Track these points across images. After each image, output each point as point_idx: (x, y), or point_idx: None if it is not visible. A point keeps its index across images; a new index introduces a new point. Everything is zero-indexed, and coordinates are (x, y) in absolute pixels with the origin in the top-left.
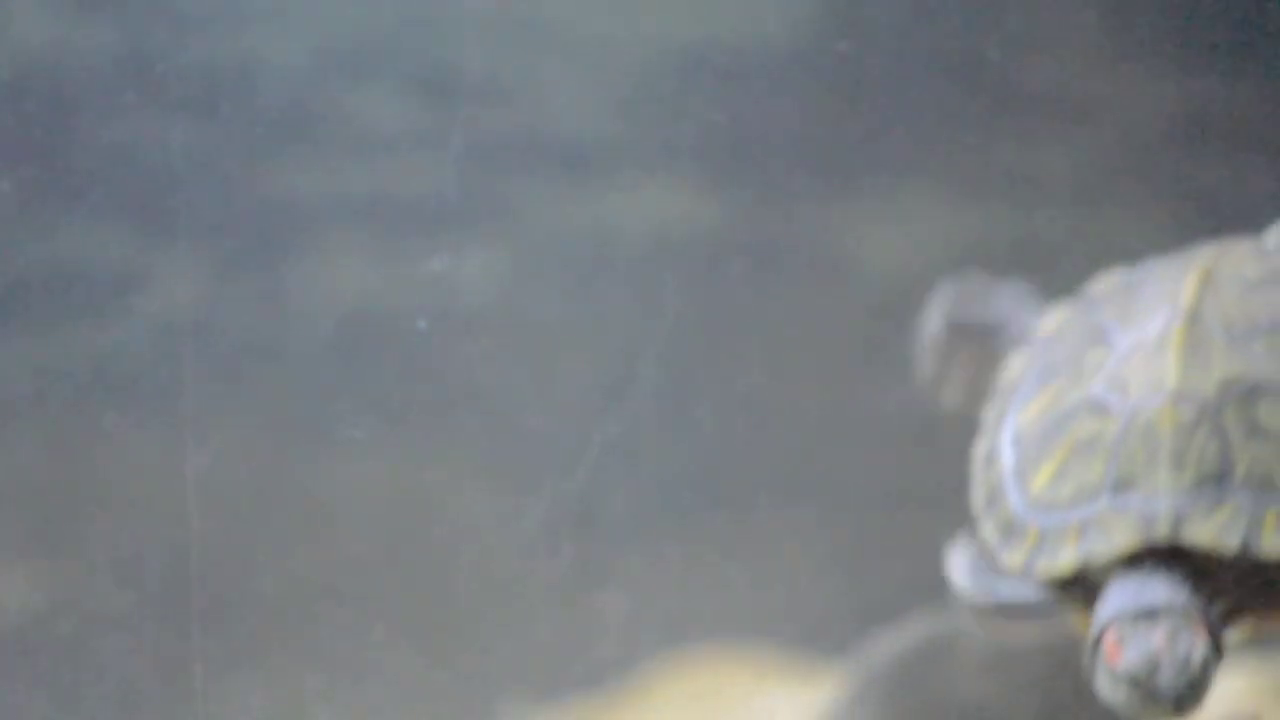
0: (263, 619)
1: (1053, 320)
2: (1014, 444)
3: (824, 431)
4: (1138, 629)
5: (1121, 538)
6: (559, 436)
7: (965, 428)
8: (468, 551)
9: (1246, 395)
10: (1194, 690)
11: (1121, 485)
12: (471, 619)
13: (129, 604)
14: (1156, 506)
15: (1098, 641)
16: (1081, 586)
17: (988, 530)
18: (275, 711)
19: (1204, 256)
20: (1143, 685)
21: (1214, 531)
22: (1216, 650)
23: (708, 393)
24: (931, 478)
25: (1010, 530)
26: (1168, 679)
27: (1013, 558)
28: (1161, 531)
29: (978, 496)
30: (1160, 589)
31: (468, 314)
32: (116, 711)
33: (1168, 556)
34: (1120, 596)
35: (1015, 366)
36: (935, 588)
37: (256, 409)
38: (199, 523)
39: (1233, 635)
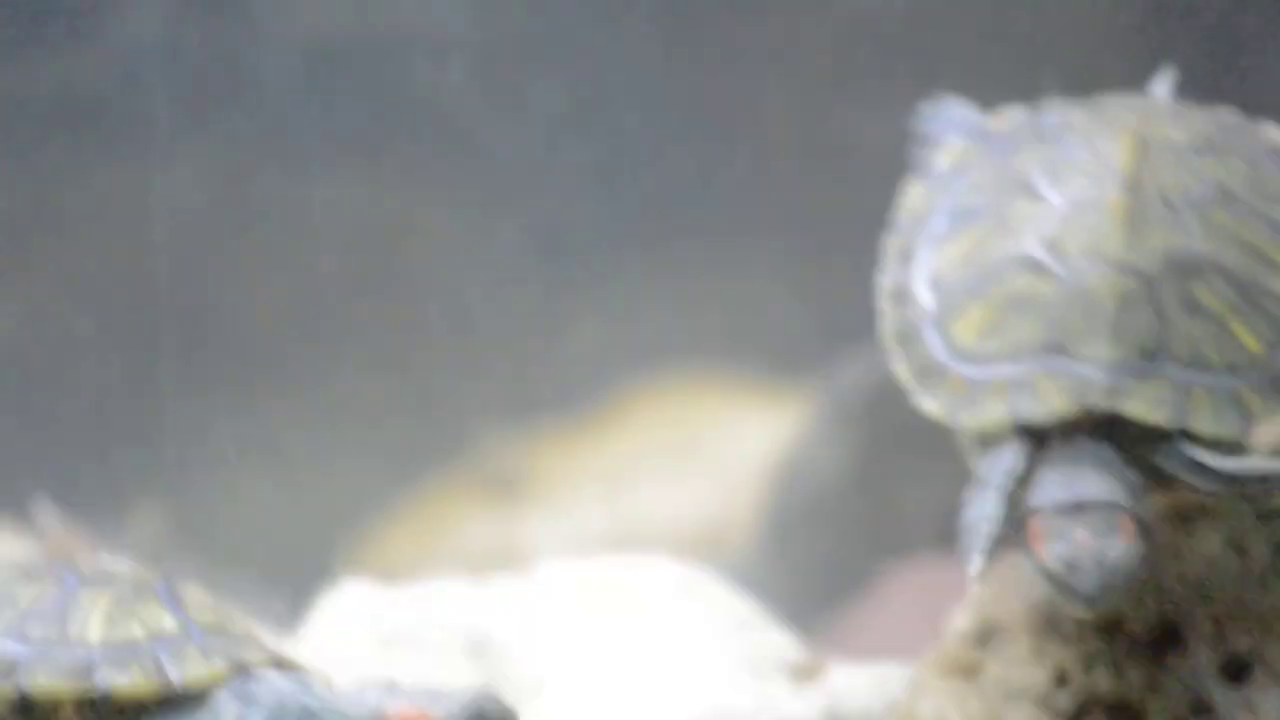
0: (231, 347)
1: (952, 154)
2: (932, 287)
3: (799, 159)
4: (1062, 522)
5: (1055, 401)
6: (529, 160)
7: None
8: (438, 277)
9: (1185, 271)
10: (1112, 590)
11: (1057, 349)
12: (442, 345)
13: (97, 332)
14: (1092, 375)
15: (1024, 525)
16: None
17: (902, 370)
18: (244, 438)
19: (1127, 116)
20: (1060, 582)
21: (1147, 404)
22: (1146, 541)
23: (682, 117)
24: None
25: (929, 375)
26: (1085, 579)
27: (931, 404)
28: (1095, 399)
29: (887, 331)
30: (1090, 479)
31: (437, 38)
32: (85, 437)
33: (1097, 434)
34: (1049, 484)
35: (915, 197)
36: None
37: (224, 137)
38: (167, 251)
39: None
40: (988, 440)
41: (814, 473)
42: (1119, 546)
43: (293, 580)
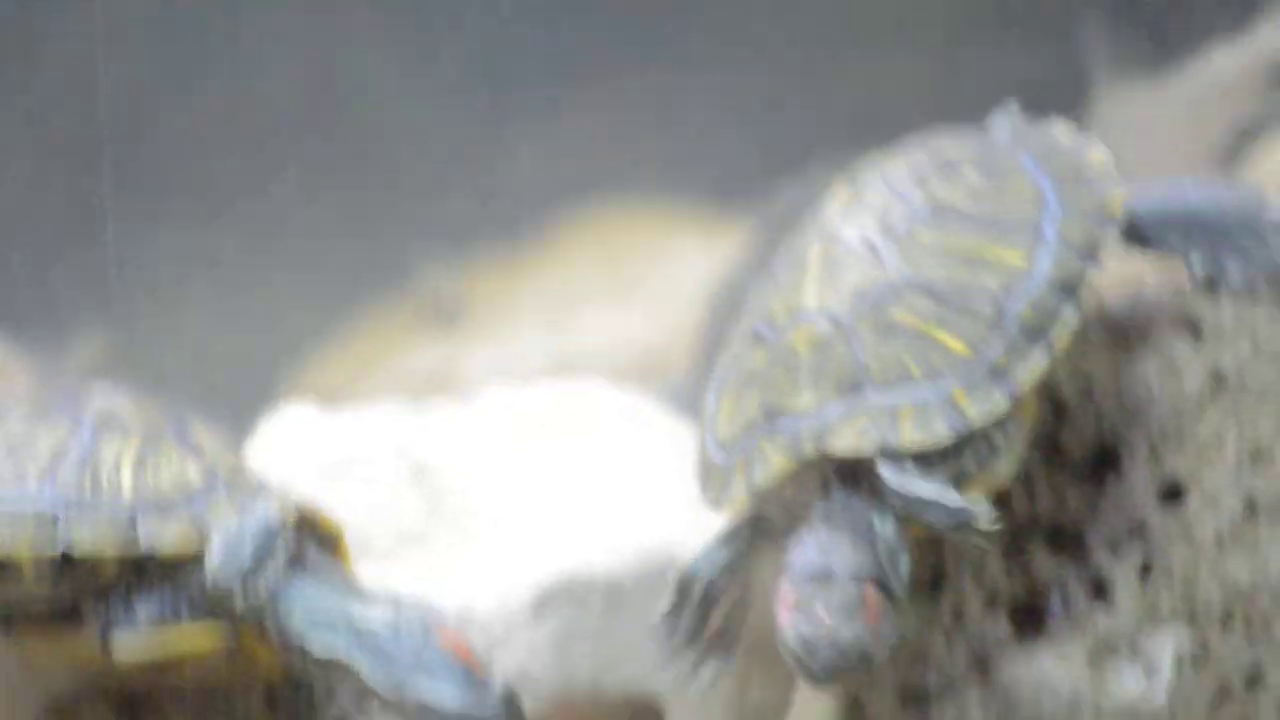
0: (174, 172)
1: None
2: (714, 388)
3: None
4: (809, 593)
5: (775, 460)
6: None
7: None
8: (378, 104)
9: (880, 300)
10: (842, 672)
11: (772, 413)
12: (383, 173)
13: (39, 157)
14: (800, 425)
15: (778, 586)
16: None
17: (695, 478)
18: (188, 264)
19: (869, 168)
20: (796, 659)
21: (854, 435)
22: (895, 610)
23: None
24: (842, 38)
25: (707, 473)
26: (819, 661)
27: (709, 498)
28: (808, 450)
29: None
30: (843, 544)
31: None
32: (26, 261)
33: (848, 487)
34: (806, 547)
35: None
36: (840, 142)
37: None
38: (108, 75)
39: None
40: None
41: None
42: (856, 628)
43: (233, 404)
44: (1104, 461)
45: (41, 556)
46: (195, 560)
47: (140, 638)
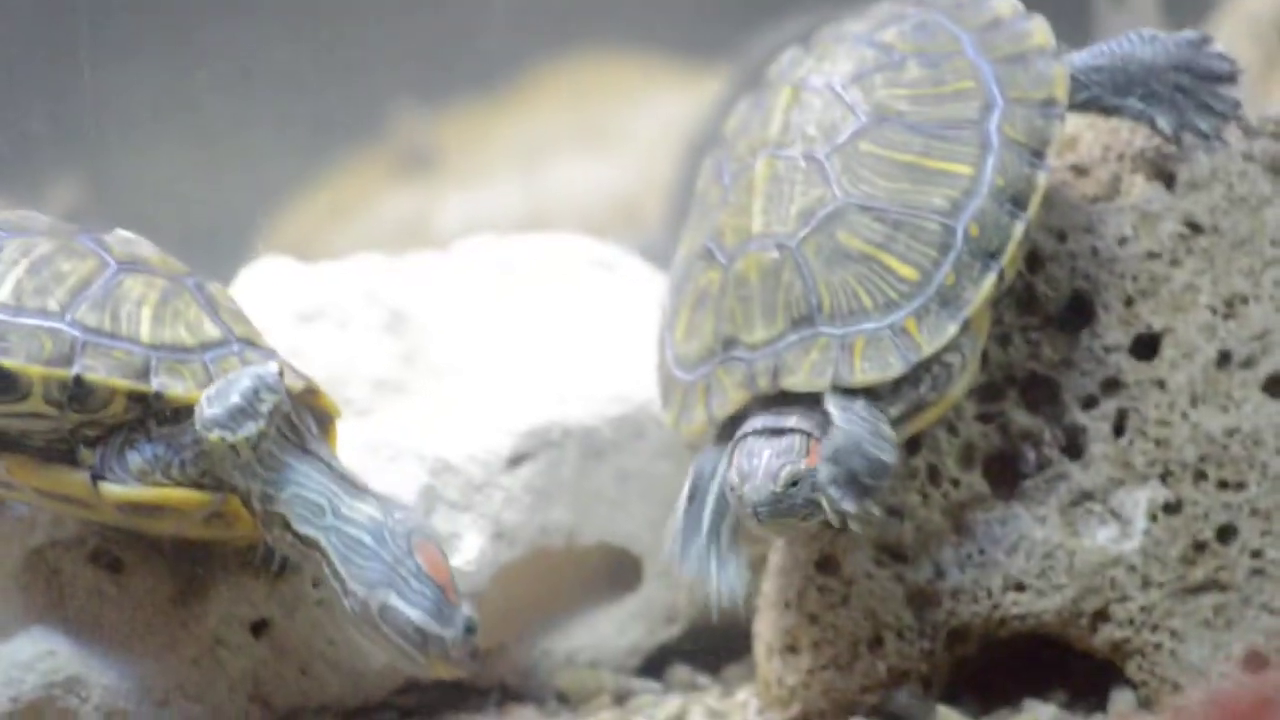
0: (151, 17)
1: (735, 117)
2: (672, 290)
3: None
4: (757, 444)
5: (732, 394)
6: None
7: None
8: None
9: (826, 223)
10: (779, 507)
11: (728, 343)
12: (358, 21)
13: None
14: (756, 360)
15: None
16: None
17: (657, 383)
18: (163, 103)
19: (803, 59)
20: (736, 494)
21: (807, 374)
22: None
23: None
24: None
25: (667, 387)
26: (755, 492)
27: (669, 416)
28: (763, 385)
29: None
30: (793, 413)
31: None
32: (3, 106)
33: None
34: (756, 418)
35: (704, 172)
36: None
37: None
38: None
39: None
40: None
41: None
42: (796, 466)
43: (210, 251)
44: (1078, 312)
45: (52, 376)
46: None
47: (129, 487)
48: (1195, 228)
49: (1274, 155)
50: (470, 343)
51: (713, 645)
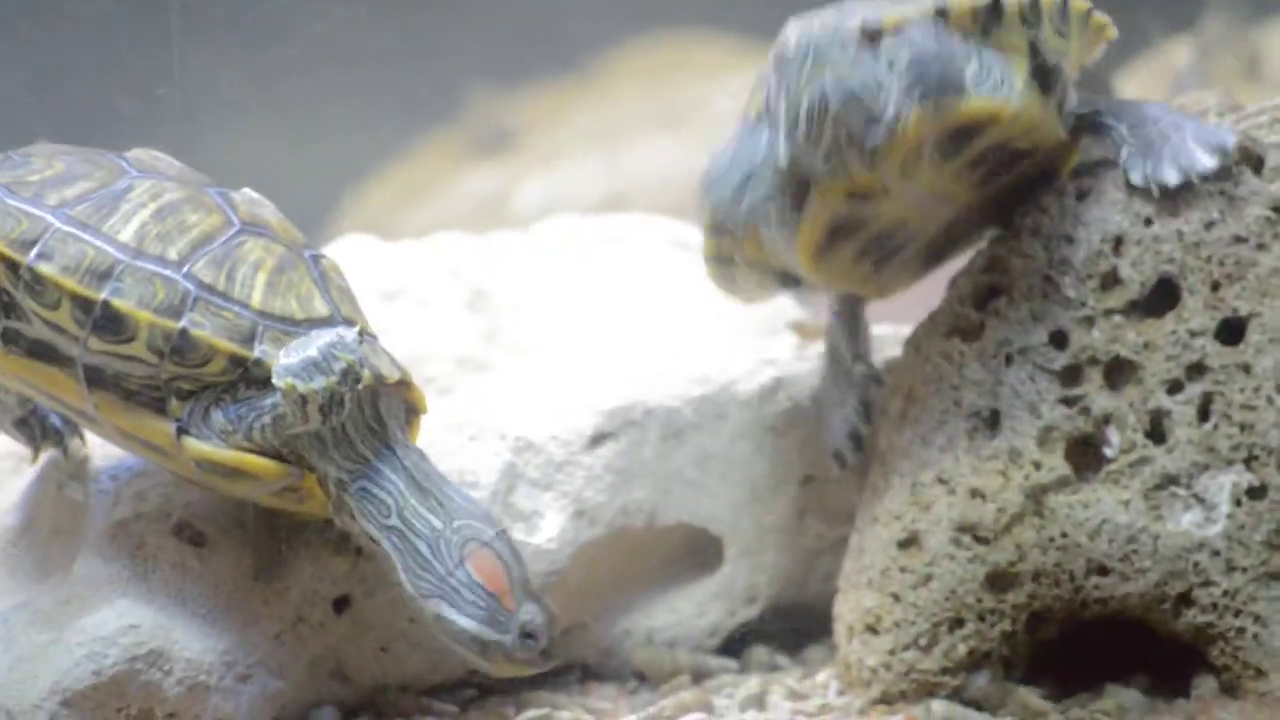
0: None
1: None
2: None
3: None
4: None
5: None
6: None
7: None
8: None
9: None
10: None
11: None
12: (439, 2)
13: None
14: None
15: None
16: None
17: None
18: (249, 83)
19: None
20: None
21: None
22: None
23: None
24: None
25: None
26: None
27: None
28: None
29: None
30: None
31: None
32: (94, 77)
33: None
34: None
35: None
36: None
37: None
38: None
39: None
40: None
41: None
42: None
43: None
44: (1163, 296)
45: (159, 324)
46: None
47: (211, 445)
48: None
49: None
50: (551, 322)
51: (793, 626)
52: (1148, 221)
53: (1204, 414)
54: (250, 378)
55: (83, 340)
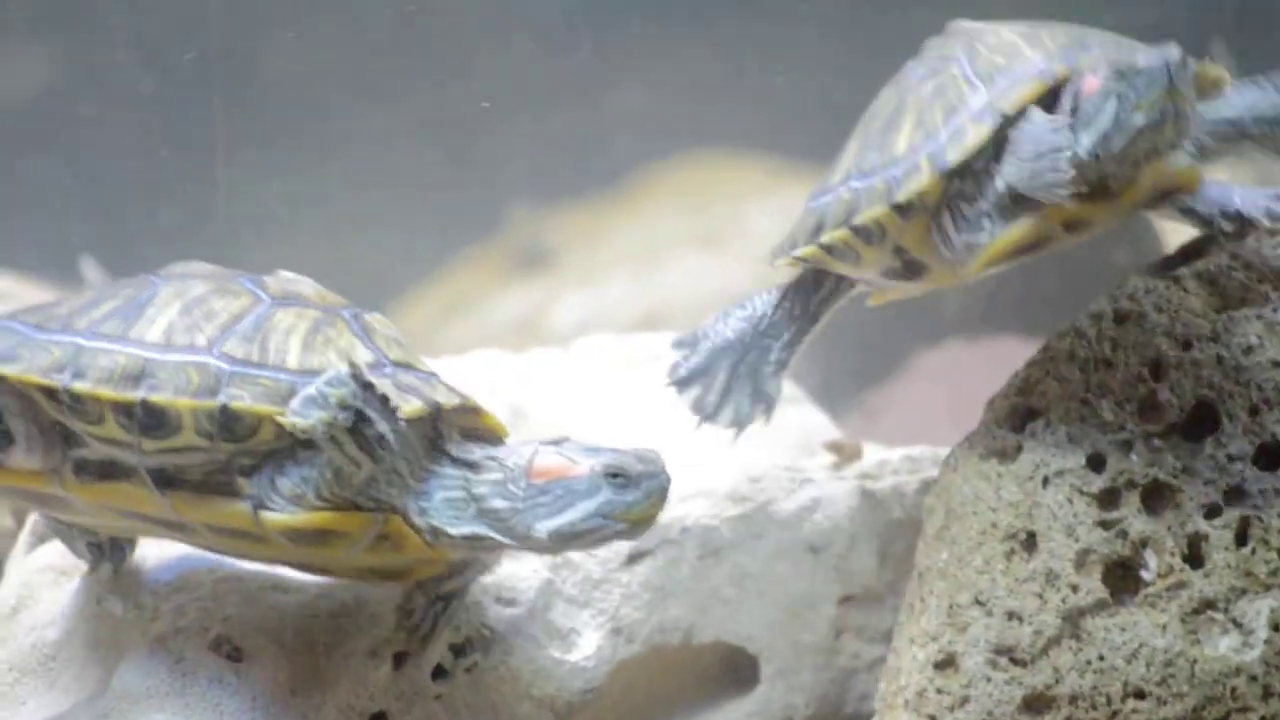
0: (285, 105)
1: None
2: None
3: None
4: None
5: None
6: None
7: None
8: (485, 46)
9: None
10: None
11: (986, 78)
12: (488, 115)
13: (150, 85)
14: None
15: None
16: None
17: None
18: (295, 196)
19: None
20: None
21: None
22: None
23: None
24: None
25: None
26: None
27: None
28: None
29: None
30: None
31: None
32: (139, 190)
33: None
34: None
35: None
36: None
37: None
38: (221, 8)
39: None
40: None
41: None
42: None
43: None
44: (1202, 421)
45: (200, 408)
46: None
47: (288, 514)
48: None
49: None
50: (589, 438)
51: None
52: (1186, 345)
53: (1242, 539)
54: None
55: (136, 446)
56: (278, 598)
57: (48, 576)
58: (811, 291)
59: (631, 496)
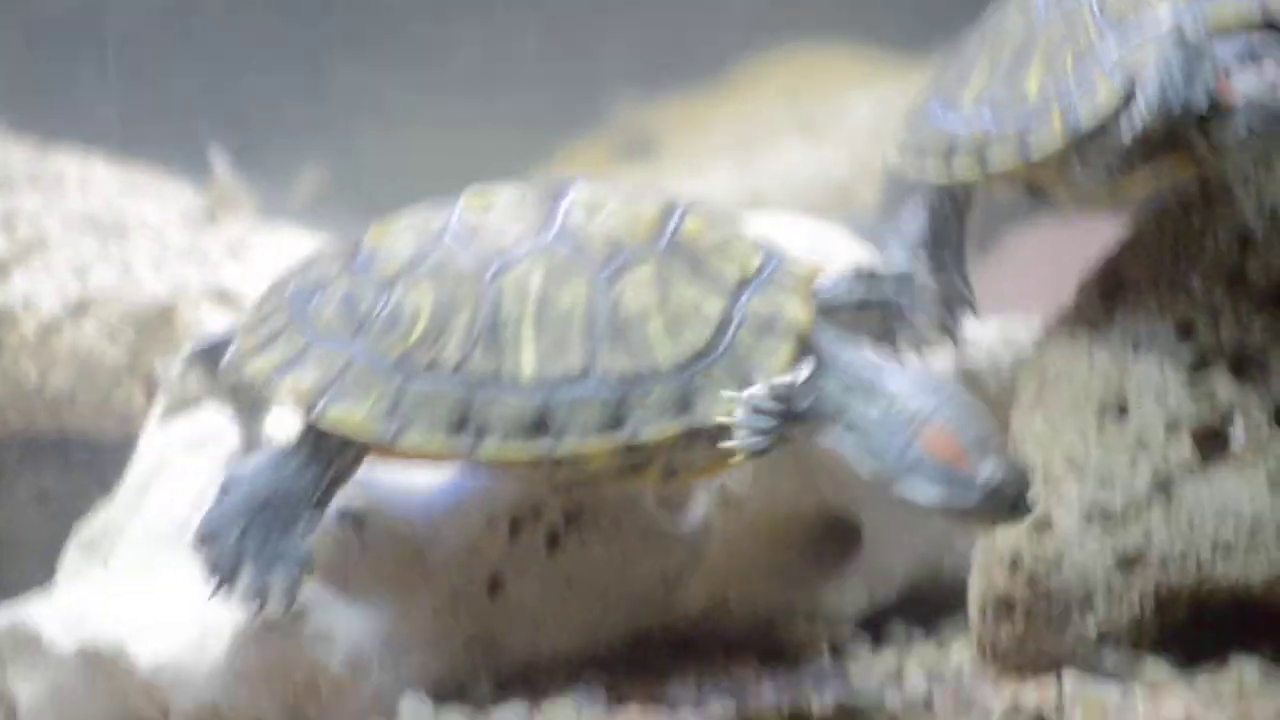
0: (394, 11)
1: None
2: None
3: None
4: (1246, 66)
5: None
6: None
7: None
8: None
9: None
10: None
11: (1117, 25)
12: (590, 10)
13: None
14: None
15: (1215, 87)
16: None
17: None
18: (411, 93)
19: None
20: (1261, 111)
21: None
22: None
23: None
24: None
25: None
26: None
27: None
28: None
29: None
30: (1266, 40)
31: None
32: (263, 88)
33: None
34: (1226, 50)
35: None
36: None
37: None
38: None
39: None
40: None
41: None
42: None
43: None
44: None
45: (607, 448)
46: None
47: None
48: None
49: None
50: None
51: (929, 604)
52: (1274, 218)
53: None
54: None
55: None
56: (394, 476)
57: (179, 448)
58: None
59: (993, 508)
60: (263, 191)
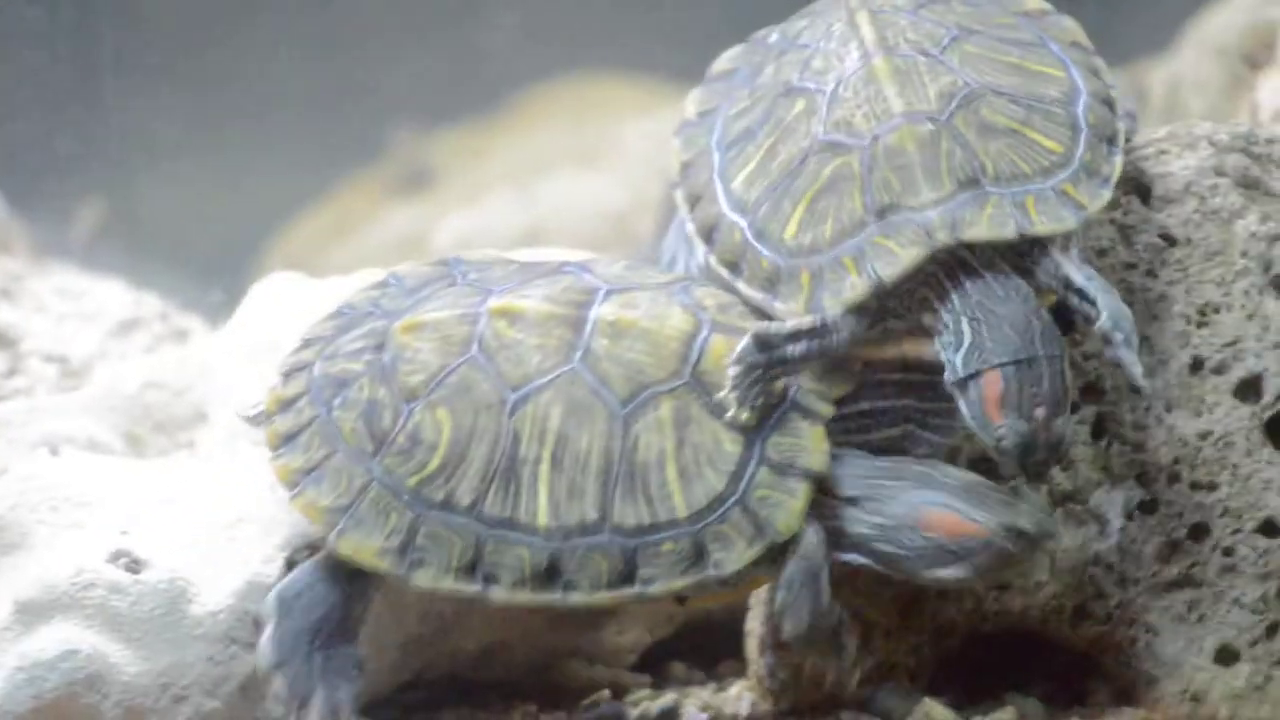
0: (176, 35)
1: (694, 102)
2: (741, 212)
3: None
4: (1016, 381)
5: (906, 253)
6: None
7: None
8: None
9: (966, 101)
10: (1054, 461)
11: (885, 210)
12: (370, 40)
13: (43, 30)
14: (929, 217)
15: (970, 379)
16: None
17: (745, 289)
18: (188, 126)
19: (843, 4)
20: (1006, 453)
21: (989, 225)
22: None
23: None
24: None
25: (777, 280)
26: (1039, 458)
27: (791, 304)
28: (942, 238)
29: (712, 268)
30: (1029, 325)
31: None
32: (32, 119)
33: (992, 268)
34: (992, 328)
35: (690, 148)
36: None
37: None
38: None
39: None
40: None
41: None
42: (1066, 422)
43: (220, 265)
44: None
45: (617, 600)
46: None
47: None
48: (1170, 240)
49: (1244, 170)
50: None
51: (707, 642)
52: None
53: (1098, 433)
54: None
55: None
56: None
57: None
58: None
59: (1019, 552)
60: (39, 229)
